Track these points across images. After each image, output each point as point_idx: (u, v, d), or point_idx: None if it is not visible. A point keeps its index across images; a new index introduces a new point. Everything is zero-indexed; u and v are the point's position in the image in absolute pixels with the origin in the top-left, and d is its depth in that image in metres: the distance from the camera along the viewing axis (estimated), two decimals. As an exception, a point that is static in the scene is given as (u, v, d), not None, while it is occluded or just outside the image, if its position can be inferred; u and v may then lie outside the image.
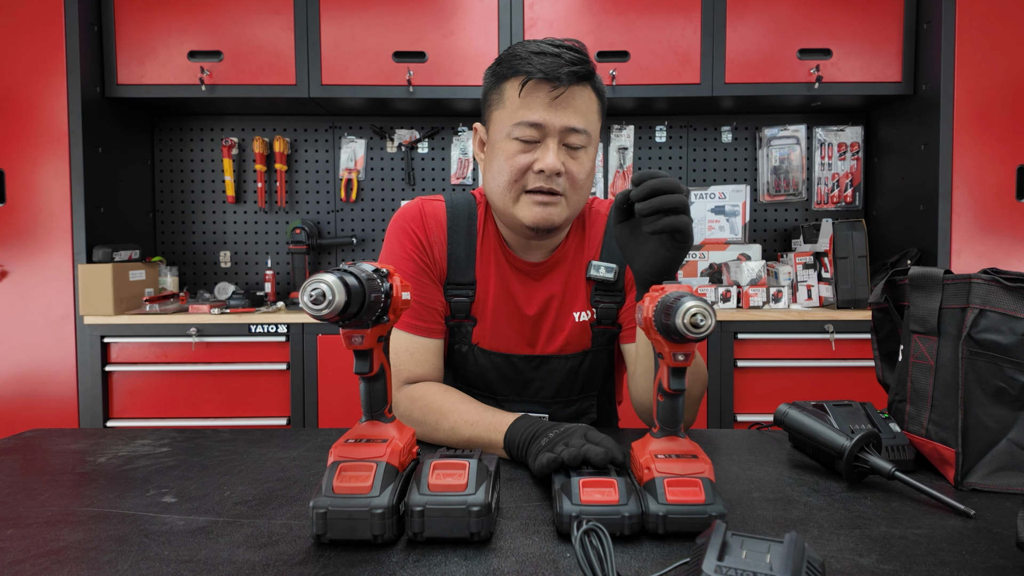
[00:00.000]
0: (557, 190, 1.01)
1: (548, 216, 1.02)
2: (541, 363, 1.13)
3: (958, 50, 2.31)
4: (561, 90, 0.98)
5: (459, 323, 1.13)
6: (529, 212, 1.02)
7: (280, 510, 0.74)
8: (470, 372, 1.15)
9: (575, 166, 1.02)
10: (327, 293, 0.58)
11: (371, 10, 2.44)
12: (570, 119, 1.00)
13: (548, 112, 0.99)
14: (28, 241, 2.33)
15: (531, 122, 0.99)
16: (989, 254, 2.33)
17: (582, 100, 1.01)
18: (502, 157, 1.02)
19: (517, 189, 1.02)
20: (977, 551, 0.64)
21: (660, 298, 0.69)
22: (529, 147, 1.01)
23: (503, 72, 1.03)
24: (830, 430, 0.85)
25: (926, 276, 0.87)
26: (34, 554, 0.64)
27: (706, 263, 2.64)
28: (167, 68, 2.44)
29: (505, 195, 1.03)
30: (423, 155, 2.88)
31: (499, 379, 1.14)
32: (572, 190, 1.03)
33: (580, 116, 1.01)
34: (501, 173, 1.03)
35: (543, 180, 1.00)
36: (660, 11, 2.45)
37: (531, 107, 0.99)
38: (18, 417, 2.33)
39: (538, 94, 0.99)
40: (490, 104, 1.07)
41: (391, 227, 1.14)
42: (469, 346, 1.13)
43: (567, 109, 1.00)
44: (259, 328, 2.33)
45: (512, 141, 1.01)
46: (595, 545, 0.55)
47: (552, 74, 0.97)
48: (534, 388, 1.14)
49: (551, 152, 0.99)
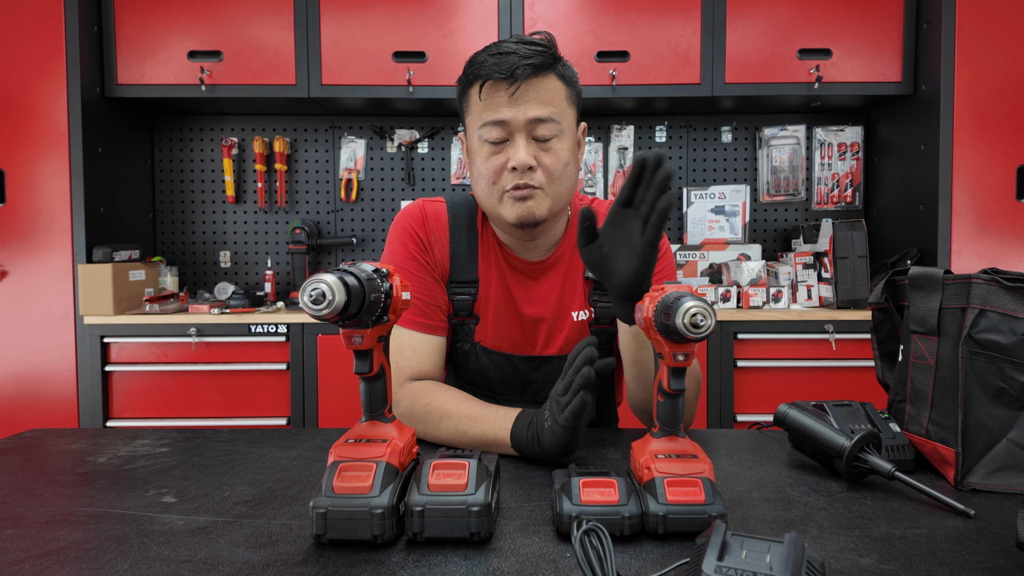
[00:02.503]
0: (532, 184, 1.02)
1: (528, 210, 1.02)
2: (541, 364, 1.14)
3: (958, 50, 2.31)
4: (517, 85, 0.99)
5: (462, 321, 1.14)
6: (511, 210, 1.03)
7: (280, 510, 0.74)
8: (471, 370, 1.16)
9: (548, 158, 1.02)
10: (327, 293, 0.58)
11: (371, 10, 2.44)
12: (532, 110, 1.00)
13: (509, 108, 1.00)
14: (28, 241, 2.33)
15: (494, 121, 1.01)
16: (989, 254, 2.33)
17: (544, 89, 1.01)
18: (479, 161, 1.04)
19: (498, 191, 1.04)
20: (977, 551, 0.64)
21: (660, 298, 0.69)
22: (499, 147, 1.02)
23: (466, 79, 1.05)
24: (830, 430, 0.85)
25: (926, 276, 0.87)
26: (34, 554, 0.64)
27: (706, 263, 2.64)
28: (167, 68, 2.44)
29: (489, 198, 1.05)
30: (423, 155, 2.88)
31: (499, 378, 1.15)
32: (550, 182, 1.03)
33: (543, 105, 1.01)
34: (481, 177, 1.05)
35: (517, 177, 1.01)
36: (660, 11, 2.45)
37: (492, 107, 1.01)
38: (18, 417, 2.33)
39: (497, 93, 1.01)
40: (463, 112, 1.09)
41: (393, 228, 1.15)
42: (471, 344, 1.14)
43: (528, 102, 1.00)
44: (259, 328, 2.33)
45: (484, 144, 1.03)
46: (595, 545, 0.55)
47: (507, 71, 0.99)
48: (534, 388, 1.15)
49: (520, 148, 1.00)
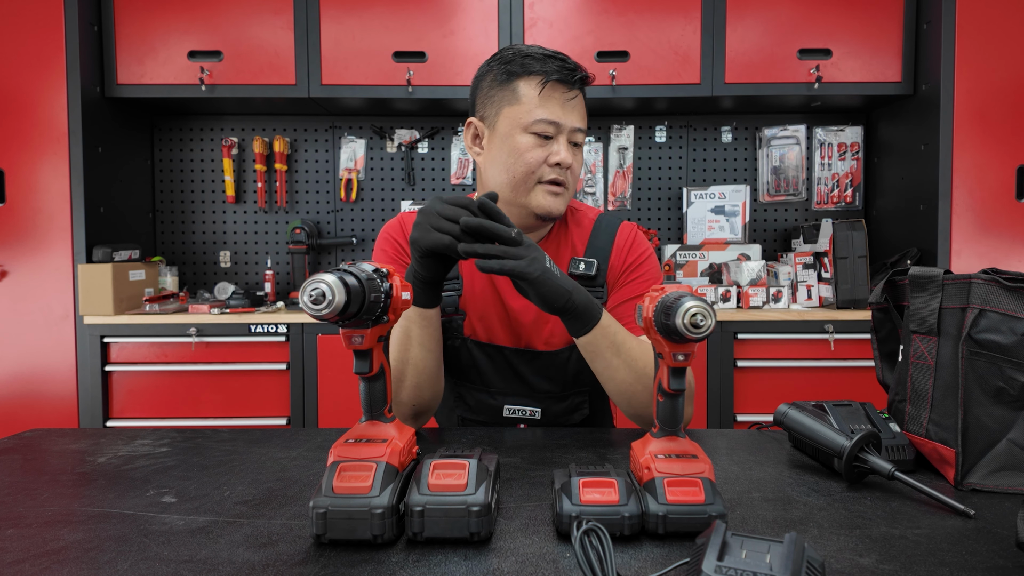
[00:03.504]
0: (565, 183, 1.11)
1: (557, 205, 1.12)
2: (532, 357, 1.16)
3: (958, 50, 2.31)
4: (574, 93, 1.11)
5: (450, 318, 1.16)
6: (544, 201, 1.11)
7: (280, 510, 0.74)
8: (464, 366, 1.18)
9: (576, 162, 1.13)
10: (327, 293, 0.58)
11: (371, 10, 2.44)
12: (577, 120, 1.12)
13: (563, 112, 1.10)
14: (28, 241, 2.33)
15: (550, 120, 1.08)
16: (989, 254, 2.33)
17: (581, 103, 1.14)
18: (516, 151, 1.10)
19: (534, 180, 1.10)
20: (977, 551, 0.64)
21: (660, 298, 0.69)
22: (544, 142, 1.10)
23: (515, 70, 1.10)
24: (830, 430, 0.85)
25: (926, 276, 0.87)
26: (34, 554, 0.64)
27: (706, 263, 2.64)
28: (167, 68, 2.44)
29: (518, 186, 1.11)
30: (423, 155, 2.88)
31: (493, 371, 1.17)
32: (572, 182, 1.14)
33: (582, 118, 1.13)
34: (516, 165, 1.10)
35: (558, 172, 1.10)
36: (660, 11, 2.45)
37: (549, 106, 1.09)
38: (18, 417, 2.33)
39: (555, 95, 1.09)
40: (496, 100, 1.12)
41: (376, 242, 1.21)
42: (462, 339, 1.17)
43: (575, 111, 1.11)
44: (259, 328, 2.33)
45: (528, 136, 1.09)
46: (595, 545, 0.55)
47: (567, 78, 1.09)
48: (527, 382, 1.17)
49: (564, 148, 1.10)
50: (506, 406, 1.17)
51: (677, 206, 2.89)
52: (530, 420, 1.17)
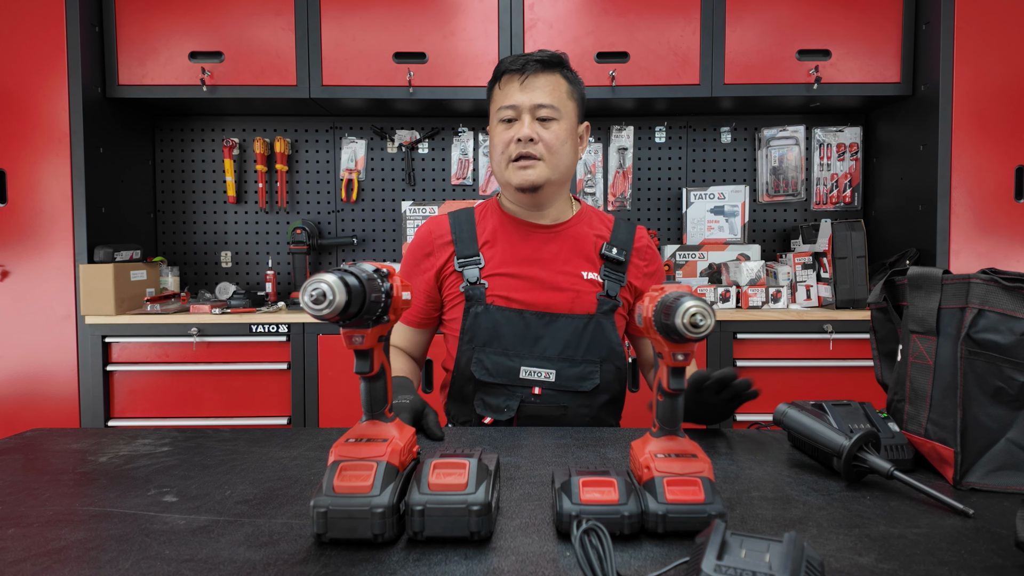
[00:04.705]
0: (534, 154, 1.26)
1: (528, 177, 1.27)
2: (551, 320, 1.27)
3: (957, 50, 2.31)
4: (526, 76, 1.27)
5: (473, 286, 1.29)
6: (515, 176, 1.28)
7: (281, 509, 0.74)
8: (484, 330, 1.27)
9: (548, 134, 1.27)
10: (328, 293, 0.58)
11: (371, 11, 2.44)
12: (536, 97, 1.27)
13: (519, 94, 1.27)
14: (29, 241, 2.33)
15: (507, 104, 1.28)
16: (988, 254, 2.34)
17: (547, 82, 1.28)
18: (492, 140, 1.33)
19: (505, 159, 1.29)
20: (976, 550, 0.64)
21: (659, 298, 0.69)
22: (510, 125, 1.28)
23: (492, 80, 1.34)
24: (829, 430, 0.85)
25: (925, 276, 0.88)
26: (35, 553, 0.64)
27: (705, 263, 2.64)
28: (168, 69, 2.44)
29: (500, 167, 1.30)
30: (423, 155, 2.88)
31: (511, 334, 1.27)
32: (549, 153, 1.27)
33: (546, 94, 1.27)
34: (493, 151, 1.32)
35: (521, 147, 1.26)
36: (660, 12, 2.45)
37: (507, 94, 1.29)
38: (19, 417, 2.33)
39: (511, 83, 1.29)
40: (489, 107, 1.36)
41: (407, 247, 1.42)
42: (484, 306, 1.28)
43: (535, 90, 1.27)
44: (260, 328, 2.33)
45: (499, 124, 1.30)
46: (595, 544, 0.55)
47: (520, 67, 1.28)
48: (543, 345, 1.27)
49: (525, 124, 1.26)
50: (523, 367, 1.25)
51: (676, 206, 2.89)
52: (544, 383, 1.25)
